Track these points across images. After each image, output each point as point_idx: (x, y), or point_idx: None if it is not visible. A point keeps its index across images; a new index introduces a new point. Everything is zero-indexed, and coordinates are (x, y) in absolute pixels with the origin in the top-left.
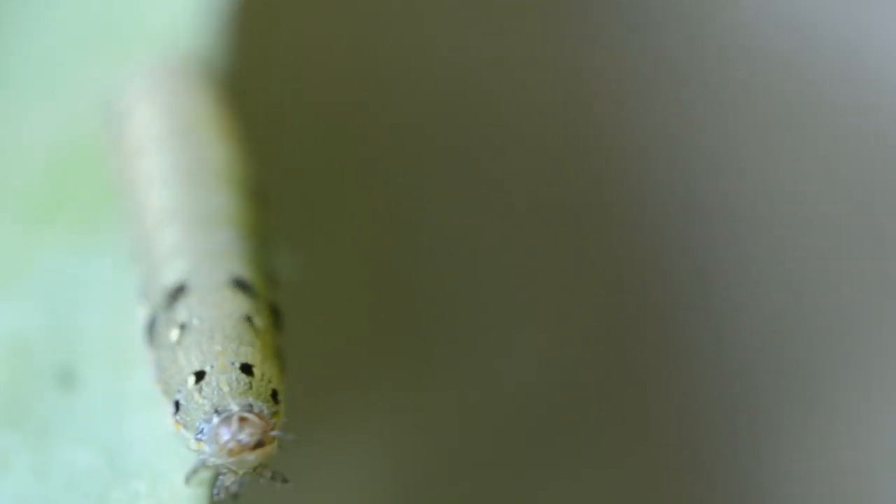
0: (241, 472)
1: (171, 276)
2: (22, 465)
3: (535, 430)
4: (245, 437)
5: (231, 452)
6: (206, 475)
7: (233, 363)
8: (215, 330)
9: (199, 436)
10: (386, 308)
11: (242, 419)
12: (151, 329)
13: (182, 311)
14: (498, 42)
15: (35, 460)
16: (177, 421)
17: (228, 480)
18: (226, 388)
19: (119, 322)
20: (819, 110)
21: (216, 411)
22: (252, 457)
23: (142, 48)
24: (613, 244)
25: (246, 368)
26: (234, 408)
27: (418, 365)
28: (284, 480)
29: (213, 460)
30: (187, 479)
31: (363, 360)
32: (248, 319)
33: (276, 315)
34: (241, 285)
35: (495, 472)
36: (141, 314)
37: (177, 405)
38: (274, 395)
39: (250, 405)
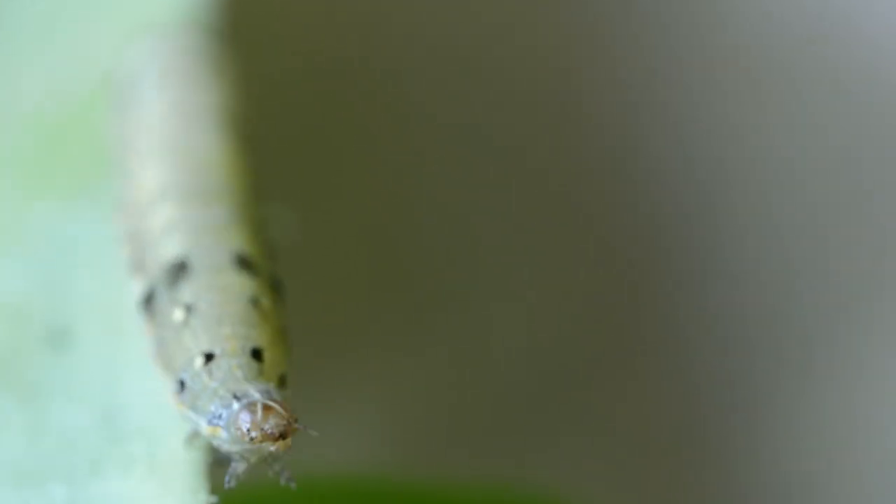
0: (253, 459)
1: (170, 250)
2: (15, 427)
3: (530, 392)
4: (270, 426)
5: (253, 441)
6: (203, 440)
7: (243, 347)
8: (224, 313)
9: (216, 420)
10: (380, 271)
11: (267, 408)
12: (149, 304)
13: (186, 292)
14: (502, 8)
15: (28, 423)
16: (181, 401)
17: (241, 468)
18: (239, 373)
19: (113, 284)
20: (819, 86)
21: (235, 397)
22: (273, 447)
23: (141, 10)
24: (608, 212)
25: (256, 353)
26: (256, 395)
27: (413, 328)
28: (290, 480)
29: (226, 446)
30: (187, 443)
31: (357, 323)
32: (255, 301)
33: (278, 290)
34: (244, 263)
35: (491, 436)
36: (136, 287)
37: (181, 384)
38: (282, 379)
39: (269, 392)
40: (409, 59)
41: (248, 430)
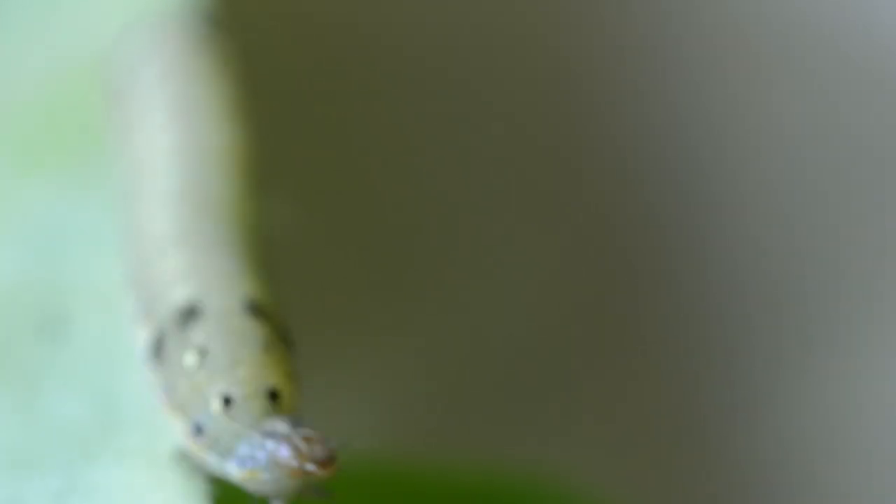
0: (293, 493)
1: (180, 294)
2: (9, 415)
3: (531, 378)
4: (317, 453)
5: (306, 473)
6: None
7: (259, 389)
8: (238, 356)
9: (250, 463)
10: (380, 258)
11: (306, 437)
12: (159, 350)
13: (199, 335)
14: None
15: (22, 411)
16: (198, 443)
17: None
18: (258, 414)
19: (109, 270)
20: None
21: (266, 436)
22: (323, 472)
23: None
24: (609, 190)
25: (273, 395)
26: (286, 429)
27: (412, 309)
28: (329, 494)
29: (268, 487)
30: (175, 461)
31: (357, 303)
32: (268, 346)
33: (287, 339)
34: (255, 309)
35: (491, 422)
36: (142, 335)
37: (198, 428)
38: (297, 419)
39: (297, 423)
40: (407, 50)
41: (298, 462)
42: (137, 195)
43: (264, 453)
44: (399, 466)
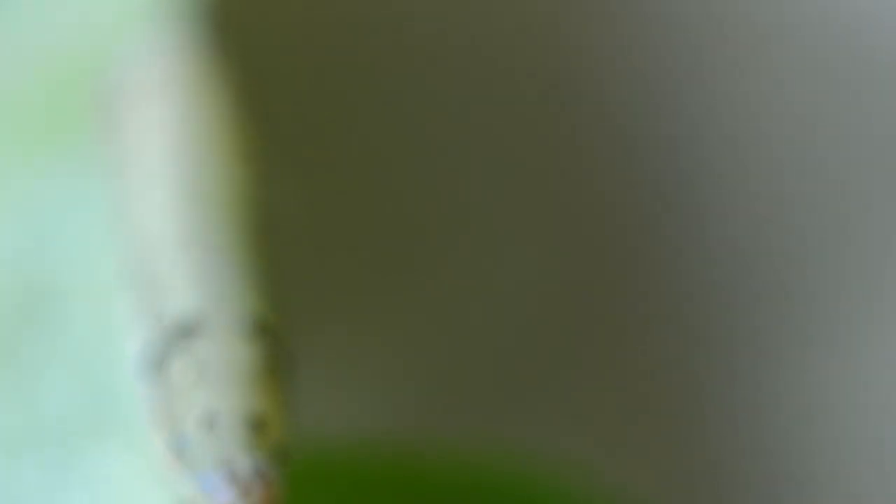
0: None
1: (181, 306)
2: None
3: (529, 364)
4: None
5: None
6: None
7: (245, 416)
8: (233, 378)
9: (201, 485)
10: (379, 237)
11: (248, 487)
12: (157, 362)
13: (197, 350)
14: None
15: (7, 391)
16: (178, 461)
17: None
18: (237, 440)
19: (105, 259)
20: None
21: (223, 463)
22: None
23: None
24: (611, 159)
25: (259, 423)
26: (245, 467)
27: (410, 297)
28: None
29: None
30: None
31: (355, 291)
32: (268, 369)
33: (290, 360)
34: (260, 327)
35: (489, 406)
36: (138, 339)
37: (179, 445)
38: (281, 453)
39: (260, 469)
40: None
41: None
42: (133, 189)
43: (209, 482)
44: (394, 456)
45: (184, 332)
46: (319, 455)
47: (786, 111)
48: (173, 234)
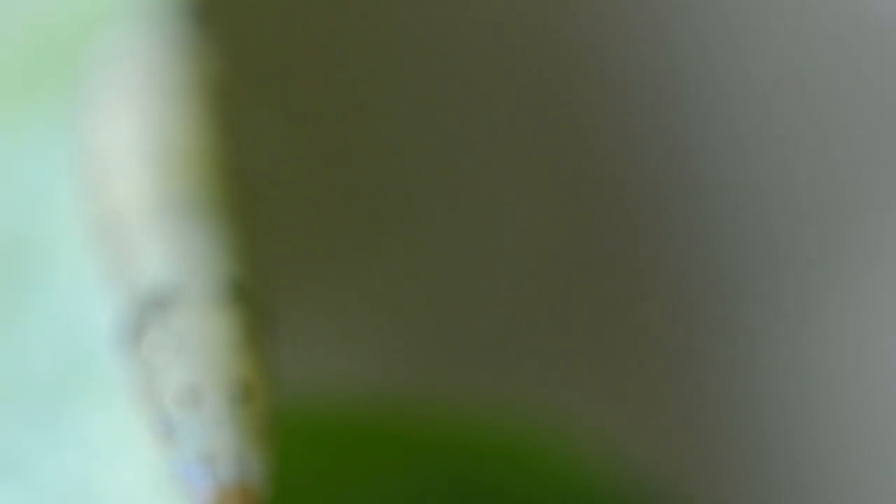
0: None
1: (157, 274)
2: None
3: (527, 315)
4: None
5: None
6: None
7: (231, 387)
8: (213, 351)
9: (184, 472)
10: (377, 185)
11: (226, 493)
12: (133, 336)
13: (175, 322)
14: None
15: None
16: (165, 438)
17: None
18: (223, 418)
19: (77, 221)
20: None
21: (207, 459)
22: None
23: None
24: (605, 124)
25: (245, 392)
26: (227, 468)
27: (409, 247)
28: None
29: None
30: None
31: (353, 240)
32: (249, 336)
33: (272, 322)
34: (239, 292)
35: (483, 348)
36: (113, 306)
37: (165, 427)
38: (267, 425)
39: (243, 468)
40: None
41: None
42: (105, 153)
43: (193, 473)
44: (384, 413)
45: (159, 304)
46: (307, 414)
47: (786, 109)
48: (146, 200)
